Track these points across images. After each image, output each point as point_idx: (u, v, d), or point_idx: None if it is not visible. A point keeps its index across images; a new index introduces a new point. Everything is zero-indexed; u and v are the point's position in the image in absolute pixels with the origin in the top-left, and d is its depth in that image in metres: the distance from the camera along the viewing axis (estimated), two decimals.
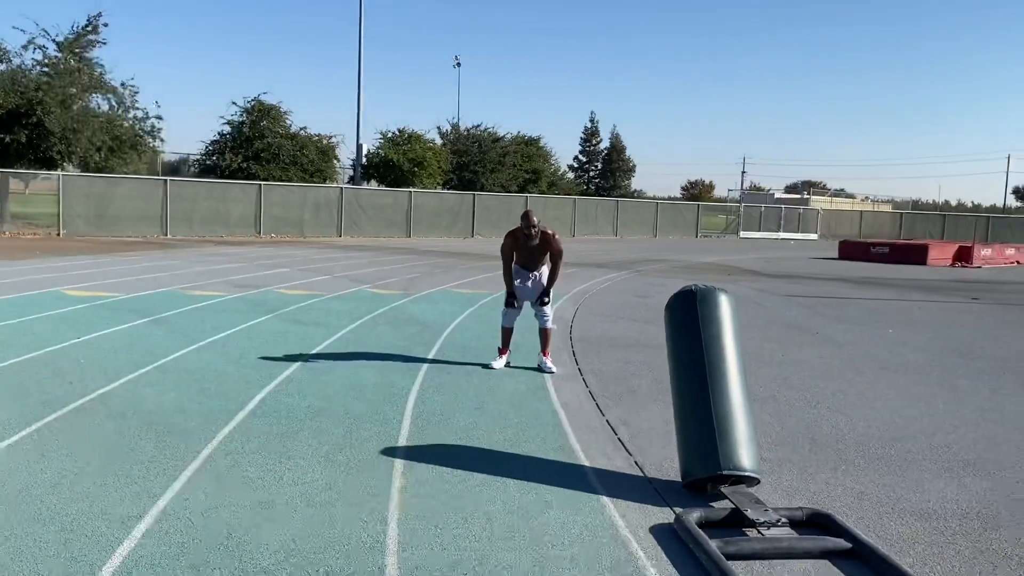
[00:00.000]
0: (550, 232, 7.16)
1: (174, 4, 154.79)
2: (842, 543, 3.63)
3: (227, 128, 32.38)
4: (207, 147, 32.61)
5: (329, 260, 18.67)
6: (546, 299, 7.26)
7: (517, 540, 3.60)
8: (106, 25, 27.86)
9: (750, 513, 3.80)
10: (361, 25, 33.47)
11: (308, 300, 11.30)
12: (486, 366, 7.22)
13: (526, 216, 7.11)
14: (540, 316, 7.25)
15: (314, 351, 7.66)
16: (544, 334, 7.30)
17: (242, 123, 31.99)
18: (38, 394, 5.71)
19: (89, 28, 27.67)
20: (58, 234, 23.46)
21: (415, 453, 4.75)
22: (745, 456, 4.16)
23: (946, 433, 5.71)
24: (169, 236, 25.24)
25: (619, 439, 5.25)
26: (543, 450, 4.94)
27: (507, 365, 7.27)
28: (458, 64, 56.57)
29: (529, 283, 7.26)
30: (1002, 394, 7.04)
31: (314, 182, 31.75)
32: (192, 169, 33.37)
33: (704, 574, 3.36)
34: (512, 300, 7.30)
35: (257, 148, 31.22)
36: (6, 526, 3.52)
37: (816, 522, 3.86)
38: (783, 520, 3.79)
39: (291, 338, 8.28)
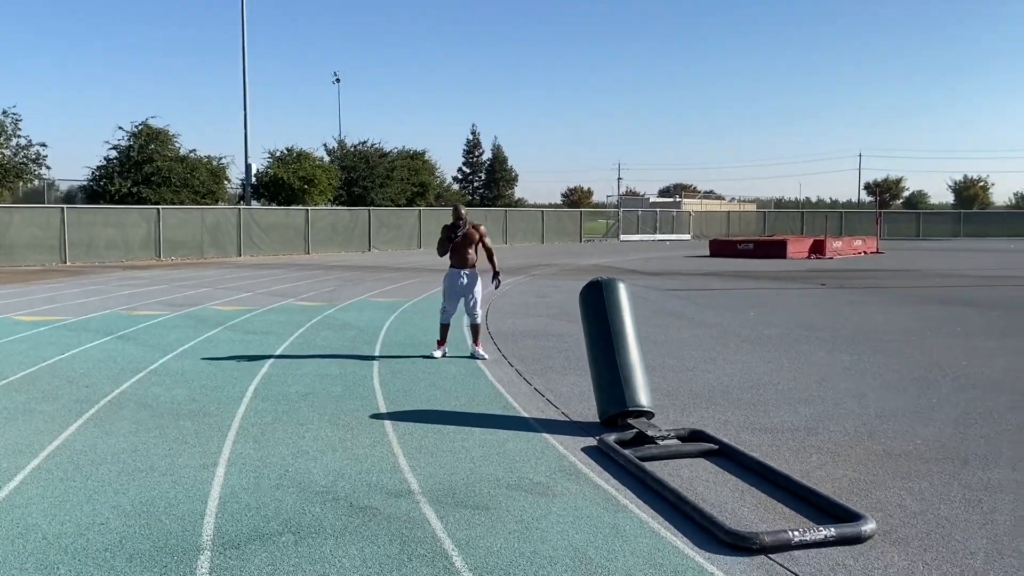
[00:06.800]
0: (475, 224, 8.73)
1: (51, 34, 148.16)
2: (712, 446, 5.32)
3: (114, 153, 32.39)
4: (93, 172, 32.46)
5: (242, 279, 19.58)
6: (499, 279, 8.82)
7: (491, 459, 5.12)
8: None
9: (649, 432, 5.45)
10: (244, 47, 34.17)
11: (245, 314, 12.42)
12: (428, 356, 8.67)
13: (455, 209, 8.65)
14: (471, 313, 8.75)
15: (277, 353, 8.92)
16: (475, 328, 8.81)
17: (130, 147, 32.05)
18: (67, 395, 6.82)
19: None
20: None
21: (397, 416, 6.20)
22: (643, 396, 5.82)
23: (787, 382, 7.58)
24: (68, 263, 25.32)
25: (548, 399, 6.83)
26: (492, 410, 6.46)
27: (444, 355, 8.74)
28: (337, 80, 57.50)
29: (464, 280, 8.68)
30: (833, 355, 9.04)
31: (206, 203, 32.12)
32: (58, 195, 32.90)
33: (623, 471, 4.97)
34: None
35: (147, 172, 31.38)
36: (123, 475, 4.77)
37: (694, 436, 5.54)
38: (671, 435, 5.45)
39: (250, 345, 9.49)
